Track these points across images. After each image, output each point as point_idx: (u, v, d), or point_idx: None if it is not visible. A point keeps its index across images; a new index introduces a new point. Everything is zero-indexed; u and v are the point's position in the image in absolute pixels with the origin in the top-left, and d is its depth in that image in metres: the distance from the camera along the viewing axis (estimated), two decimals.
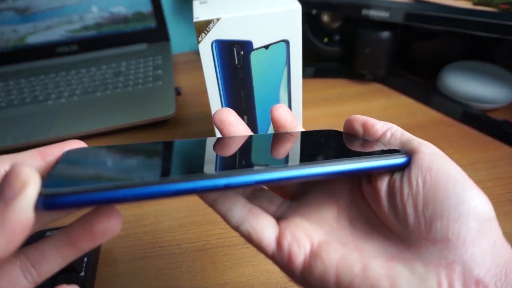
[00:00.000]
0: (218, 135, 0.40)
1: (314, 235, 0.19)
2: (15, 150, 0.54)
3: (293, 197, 0.22)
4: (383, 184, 0.18)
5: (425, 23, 0.48)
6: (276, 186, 0.19)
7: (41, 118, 0.54)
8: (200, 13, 0.33)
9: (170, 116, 0.53)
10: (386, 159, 0.18)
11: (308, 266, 0.18)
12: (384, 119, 0.21)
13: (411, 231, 0.16)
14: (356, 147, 0.20)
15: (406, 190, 0.17)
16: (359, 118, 0.22)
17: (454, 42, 0.55)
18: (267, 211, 0.21)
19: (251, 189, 0.22)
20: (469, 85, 0.50)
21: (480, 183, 0.41)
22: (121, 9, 0.67)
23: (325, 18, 0.60)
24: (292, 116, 0.23)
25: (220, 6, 0.34)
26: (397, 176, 0.17)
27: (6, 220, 0.13)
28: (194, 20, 0.32)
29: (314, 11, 0.58)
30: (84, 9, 0.66)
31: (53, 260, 0.17)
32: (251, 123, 0.40)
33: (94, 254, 0.34)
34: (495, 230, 0.16)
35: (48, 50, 0.68)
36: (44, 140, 0.50)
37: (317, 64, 0.62)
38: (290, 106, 0.39)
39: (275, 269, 0.34)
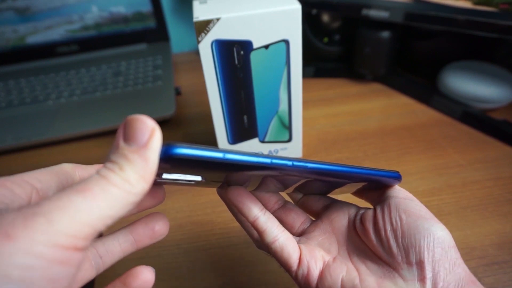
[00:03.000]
0: (218, 135, 0.40)
1: (325, 256, 0.24)
2: (15, 150, 0.54)
3: (300, 234, 0.27)
4: (370, 223, 0.23)
5: (425, 23, 0.48)
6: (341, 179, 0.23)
7: (41, 118, 0.54)
8: (200, 13, 0.33)
9: (170, 116, 0.53)
10: (386, 171, 0.23)
11: (320, 279, 0.23)
12: (384, 118, 0.21)
13: (395, 257, 0.21)
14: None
15: (388, 226, 0.22)
16: None
17: (454, 42, 0.55)
18: None
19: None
20: (469, 85, 0.50)
21: (480, 182, 0.41)
22: (121, 9, 0.67)
23: (325, 18, 0.60)
24: None
25: (220, 6, 0.34)
26: (379, 216, 0.23)
27: (145, 159, 0.15)
28: (194, 20, 0.32)
29: (314, 11, 0.58)
30: (84, 9, 0.66)
31: (116, 254, 0.21)
32: (251, 123, 0.40)
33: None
34: (455, 254, 0.21)
35: (48, 50, 0.68)
36: (44, 140, 0.50)
37: (317, 64, 0.62)
38: (290, 106, 0.39)
39: (275, 269, 0.34)
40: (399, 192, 0.24)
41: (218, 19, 0.32)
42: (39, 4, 0.65)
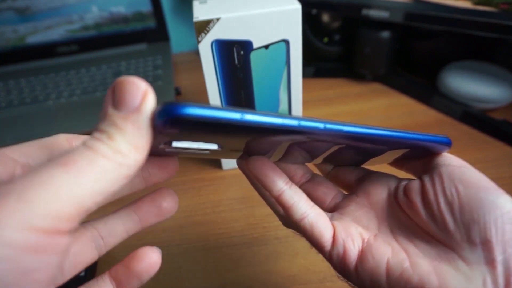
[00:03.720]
0: None
1: (364, 233, 0.21)
2: None
3: (332, 210, 0.24)
4: (417, 196, 0.20)
5: (425, 23, 0.48)
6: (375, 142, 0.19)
7: (41, 118, 0.54)
8: (200, 13, 0.33)
9: None
10: (434, 136, 0.20)
11: (360, 261, 0.20)
12: (384, 118, 0.21)
13: (451, 235, 0.18)
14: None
15: (441, 199, 0.19)
16: None
17: (454, 42, 0.55)
18: None
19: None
20: (469, 85, 0.50)
21: None
22: (121, 9, 0.67)
23: (325, 18, 0.60)
24: None
25: (220, 6, 0.34)
26: (429, 187, 0.19)
27: (138, 126, 0.13)
28: (194, 20, 0.32)
29: (314, 11, 0.58)
30: (84, 9, 0.66)
31: (119, 233, 0.19)
32: None
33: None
34: None
35: (48, 50, 0.68)
36: None
37: (317, 64, 0.62)
38: (290, 106, 0.39)
39: (275, 269, 0.34)
40: (451, 159, 0.20)
41: (218, 19, 0.32)
42: (39, 4, 0.65)
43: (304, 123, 0.16)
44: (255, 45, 0.34)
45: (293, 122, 0.15)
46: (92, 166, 0.12)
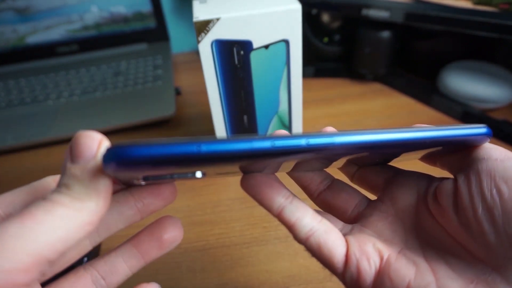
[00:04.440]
0: (219, 135, 0.40)
1: (384, 251, 0.17)
2: (15, 150, 0.54)
3: (355, 220, 0.21)
4: (449, 199, 0.16)
5: (425, 23, 0.48)
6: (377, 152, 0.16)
7: (41, 118, 0.54)
8: (200, 13, 0.33)
9: (170, 116, 0.52)
10: (468, 128, 0.16)
11: (376, 284, 0.17)
12: (384, 118, 0.21)
13: (492, 250, 0.15)
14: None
15: (478, 203, 0.15)
16: None
17: (454, 42, 0.55)
18: None
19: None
20: (469, 85, 0.50)
21: None
22: (121, 9, 0.67)
23: (325, 18, 0.60)
24: None
25: (220, 6, 0.34)
26: (463, 189, 0.16)
27: (94, 172, 0.13)
28: (194, 19, 0.32)
29: (314, 11, 0.58)
30: (84, 9, 0.66)
31: (121, 271, 0.18)
32: (251, 123, 0.40)
33: (94, 255, 0.34)
34: None
35: (48, 50, 0.68)
36: (44, 140, 0.50)
37: (317, 64, 0.62)
38: (290, 106, 0.39)
39: (275, 269, 0.34)
40: (492, 151, 0.16)
41: (218, 19, 0.32)
42: (39, 4, 0.65)
43: (281, 144, 0.12)
44: (255, 45, 0.34)
45: (266, 144, 0.12)
46: (48, 215, 0.12)
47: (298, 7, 0.33)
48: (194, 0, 0.37)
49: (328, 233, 0.18)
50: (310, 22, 0.60)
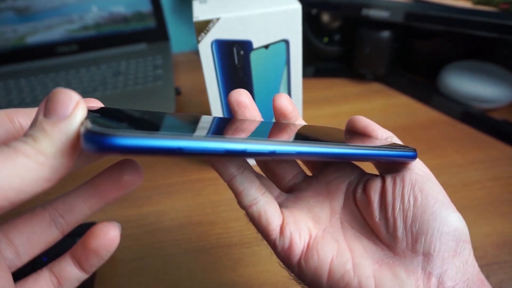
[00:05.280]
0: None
1: (312, 229, 0.20)
2: None
3: (290, 190, 0.23)
4: (376, 195, 0.20)
5: (425, 23, 0.48)
6: (309, 160, 0.19)
7: None
8: (200, 13, 0.33)
9: None
10: (399, 150, 0.19)
11: (304, 257, 0.19)
12: (384, 118, 0.21)
13: (398, 242, 0.18)
14: (363, 141, 0.21)
15: (398, 205, 0.19)
16: (362, 121, 0.23)
17: (454, 42, 0.55)
18: None
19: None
20: (469, 85, 0.50)
21: (480, 182, 0.41)
22: (120, 9, 0.67)
23: (325, 18, 0.60)
24: (292, 106, 0.23)
25: (220, 6, 0.34)
26: (389, 189, 0.19)
27: (66, 133, 0.13)
28: (194, 19, 0.32)
29: (314, 11, 0.58)
30: (84, 9, 0.66)
31: (81, 211, 0.18)
32: None
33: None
34: (468, 251, 0.18)
35: (48, 49, 0.68)
36: None
37: (317, 64, 0.62)
38: None
39: (275, 269, 0.34)
40: (418, 166, 0.20)
41: (218, 19, 0.32)
42: (39, 4, 0.64)
43: (250, 148, 0.15)
44: (255, 45, 0.34)
45: (237, 147, 0.14)
46: (7, 162, 0.12)
47: (298, 7, 0.33)
48: (194, 0, 0.37)
49: (268, 205, 0.20)
50: (310, 22, 0.60)
